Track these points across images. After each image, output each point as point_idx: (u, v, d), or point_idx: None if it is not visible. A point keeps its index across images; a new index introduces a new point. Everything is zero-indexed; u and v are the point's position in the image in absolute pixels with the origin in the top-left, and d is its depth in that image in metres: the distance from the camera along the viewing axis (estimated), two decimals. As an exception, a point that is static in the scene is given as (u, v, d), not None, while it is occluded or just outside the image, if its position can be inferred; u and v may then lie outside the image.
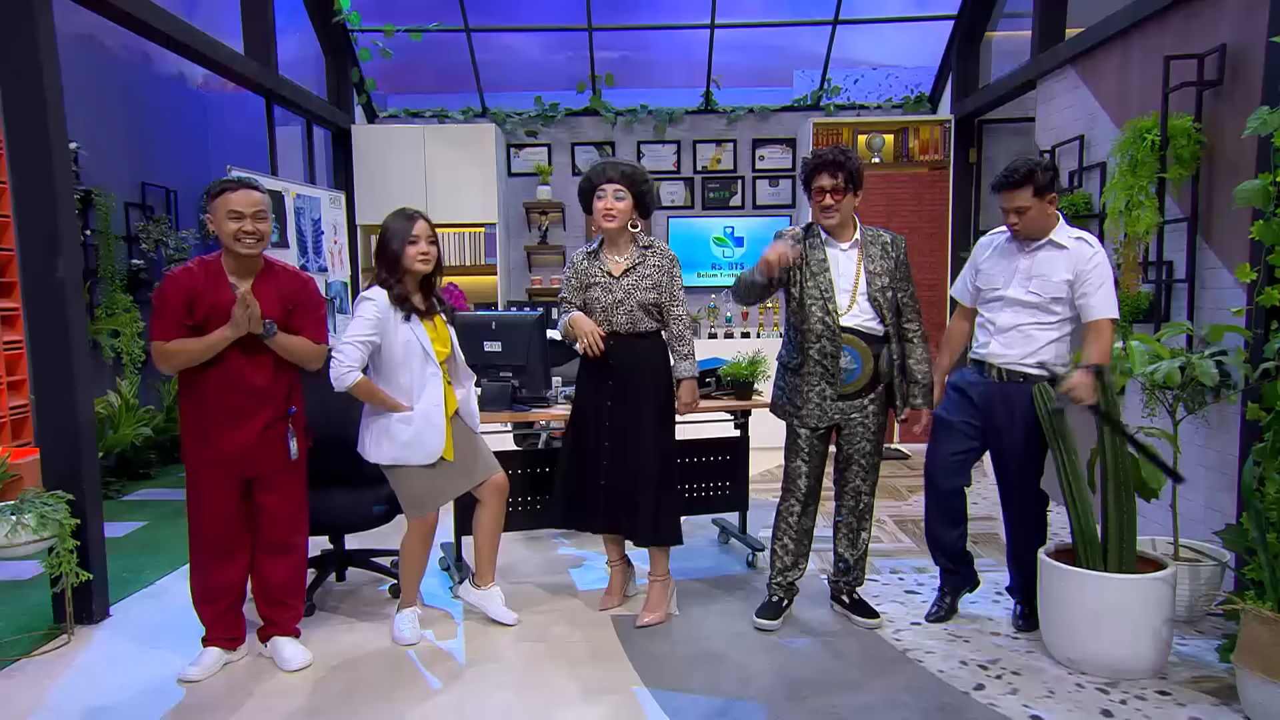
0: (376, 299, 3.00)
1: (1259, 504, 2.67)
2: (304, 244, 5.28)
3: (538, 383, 3.69)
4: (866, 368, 3.12)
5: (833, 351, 3.09)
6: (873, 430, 3.19)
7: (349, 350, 2.94)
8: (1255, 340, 3.03)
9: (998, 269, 3.18)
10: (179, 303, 2.70)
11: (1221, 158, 3.55)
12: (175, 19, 4.25)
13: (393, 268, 3.04)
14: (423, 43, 6.52)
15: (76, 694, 2.82)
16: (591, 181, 3.22)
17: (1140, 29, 4.12)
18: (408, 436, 3.03)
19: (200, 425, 2.79)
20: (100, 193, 5.72)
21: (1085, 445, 3.09)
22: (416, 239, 3.03)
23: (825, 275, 3.11)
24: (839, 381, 3.11)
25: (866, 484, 3.25)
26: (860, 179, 3.10)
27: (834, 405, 3.13)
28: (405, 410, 3.03)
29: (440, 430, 3.06)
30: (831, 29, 6.80)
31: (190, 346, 2.70)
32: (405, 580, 3.22)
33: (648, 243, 3.28)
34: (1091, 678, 2.83)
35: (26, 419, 4.79)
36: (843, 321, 3.09)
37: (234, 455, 2.80)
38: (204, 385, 2.76)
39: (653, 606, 3.31)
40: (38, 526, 3.02)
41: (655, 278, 3.21)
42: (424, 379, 3.05)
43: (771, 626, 3.23)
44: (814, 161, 3.09)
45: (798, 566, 3.30)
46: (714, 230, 7.16)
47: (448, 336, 3.18)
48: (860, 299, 3.10)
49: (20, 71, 3.14)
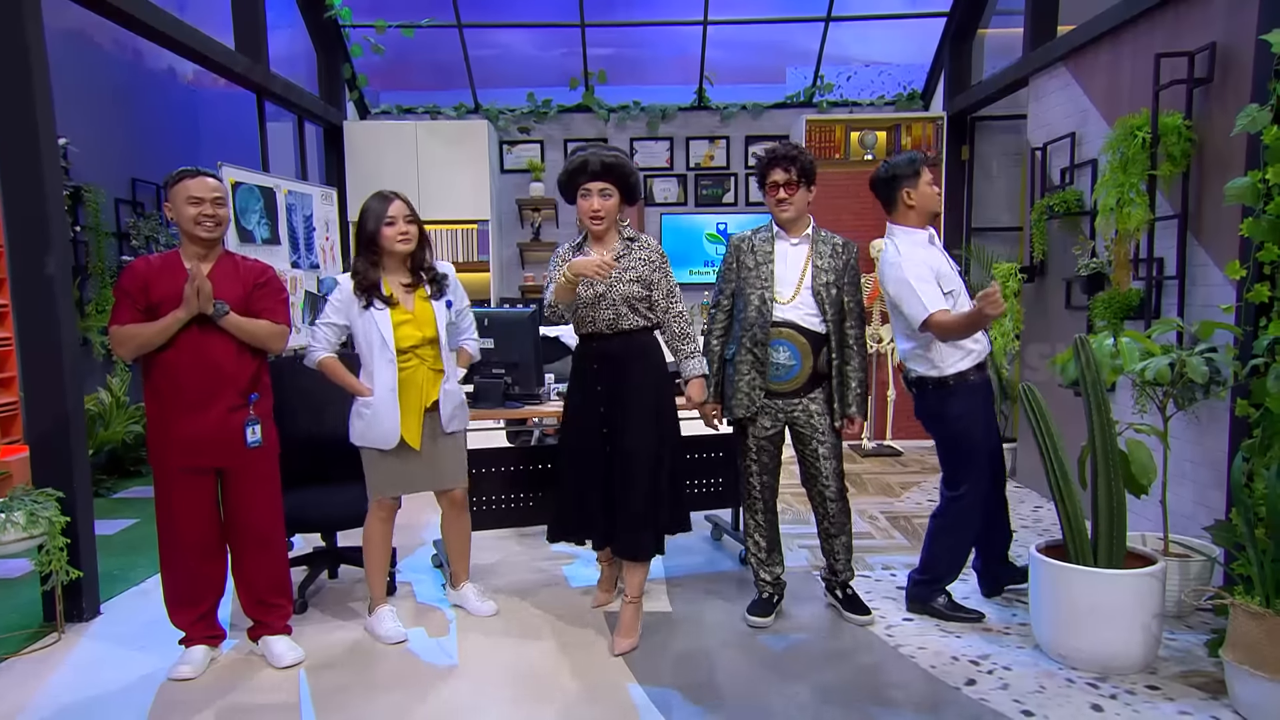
0: (343, 284, 3.08)
1: (1248, 500, 2.69)
2: (296, 240, 5.25)
3: (530, 380, 3.69)
4: (805, 365, 3.11)
5: (762, 339, 3.09)
6: (822, 432, 3.15)
7: (317, 331, 3.09)
8: (1245, 337, 3.04)
9: (944, 265, 3.19)
10: (133, 289, 2.73)
11: (1212, 155, 3.57)
12: (166, 14, 4.22)
13: (370, 248, 3.05)
14: (415, 39, 6.49)
15: (67, 692, 2.81)
16: (573, 179, 3.08)
17: (1131, 27, 4.14)
18: (366, 419, 3.07)
19: (161, 412, 2.79)
20: (90, 189, 5.69)
21: (1075, 443, 3.10)
22: (394, 219, 3.02)
23: (768, 267, 3.15)
24: (768, 373, 3.12)
25: (831, 489, 3.19)
26: (813, 174, 3.16)
27: (761, 396, 3.12)
28: (365, 394, 3.06)
29: (392, 417, 3.05)
30: (824, 26, 6.80)
31: (144, 330, 2.72)
32: (369, 573, 3.23)
33: (632, 235, 3.14)
34: (1082, 673, 2.84)
35: (16, 416, 4.77)
36: (783, 314, 3.10)
37: (194, 442, 2.78)
38: (164, 369, 2.76)
39: (626, 631, 3.07)
40: (27, 524, 3.01)
41: (639, 270, 3.05)
42: (380, 365, 3.05)
43: (763, 623, 3.23)
44: (767, 157, 3.16)
45: (775, 562, 3.32)
46: (706, 227, 7.16)
47: (429, 317, 3.11)
48: (804, 291, 3.12)
49: (8, 67, 3.12)
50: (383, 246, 3.03)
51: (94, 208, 5.70)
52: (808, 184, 3.15)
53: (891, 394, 6.31)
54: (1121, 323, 3.98)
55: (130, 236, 6.17)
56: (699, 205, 7.31)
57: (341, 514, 3.47)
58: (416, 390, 3.09)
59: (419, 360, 3.09)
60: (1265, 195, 2.87)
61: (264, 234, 4.88)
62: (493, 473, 3.85)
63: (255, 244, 4.74)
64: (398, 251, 3.05)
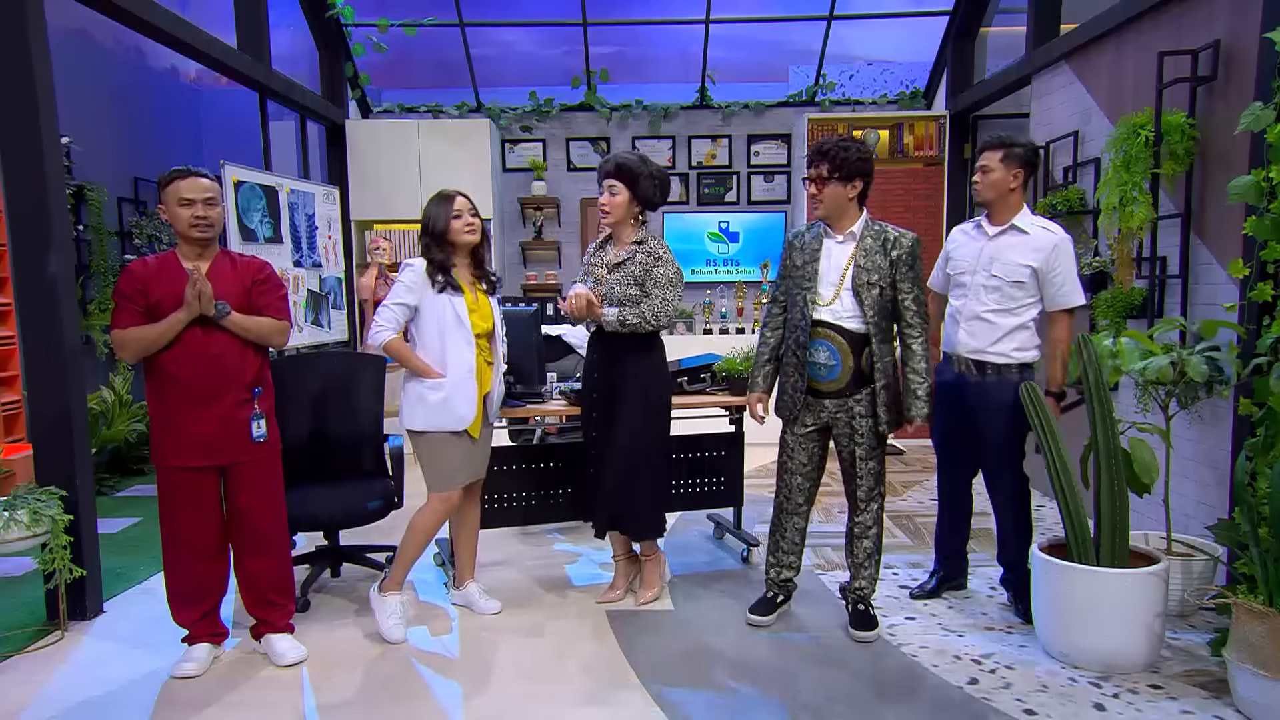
0: (415, 265, 3.11)
1: (1251, 499, 2.69)
2: (298, 239, 5.26)
3: (532, 378, 3.69)
4: (845, 365, 3.01)
5: (803, 342, 3.04)
6: (862, 435, 3.06)
7: (384, 312, 3.07)
8: (1248, 335, 3.04)
9: (965, 254, 3.29)
10: (132, 291, 2.73)
11: (1215, 153, 3.56)
12: (168, 13, 4.22)
13: (441, 243, 3.13)
14: (417, 37, 6.49)
15: (70, 690, 2.81)
16: (598, 180, 3.30)
17: (1134, 25, 4.13)
18: (437, 400, 3.07)
19: (165, 411, 2.78)
20: (93, 188, 5.69)
21: (1077, 441, 3.10)
22: (460, 213, 3.14)
23: (812, 265, 3.06)
24: (807, 374, 3.07)
25: (862, 489, 3.12)
26: (852, 167, 2.98)
27: (802, 398, 3.10)
28: (436, 377, 3.08)
29: (471, 399, 3.11)
30: (826, 24, 6.79)
31: (146, 332, 2.72)
32: (401, 561, 3.21)
33: (640, 238, 3.26)
34: (1084, 672, 2.84)
35: (19, 415, 4.78)
36: (820, 315, 3.02)
37: (200, 440, 2.78)
38: (167, 369, 2.76)
39: (649, 584, 3.45)
40: (31, 522, 3.01)
41: (636, 273, 3.21)
42: (457, 346, 3.09)
43: (762, 622, 3.23)
44: (810, 151, 3.09)
45: (786, 565, 3.28)
46: (709, 226, 7.15)
47: (489, 312, 3.23)
48: (845, 293, 3.01)
49: (11, 65, 3.12)
50: (450, 239, 3.13)
51: (96, 206, 5.71)
52: (843, 178, 2.98)
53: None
54: (1124, 322, 3.97)
55: (133, 235, 6.18)
56: (701, 204, 7.30)
57: (345, 513, 3.47)
58: (478, 378, 3.14)
59: (478, 350, 3.15)
60: (1269, 194, 2.87)
61: (266, 233, 4.89)
62: (495, 471, 3.84)
63: (258, 243, 4.75)
64: (465, 243, 3.15)
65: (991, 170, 3.17)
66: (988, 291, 3.18)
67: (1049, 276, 3.10)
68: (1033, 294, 3.14)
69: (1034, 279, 3.12)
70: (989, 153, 3.20)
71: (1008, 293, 3.14)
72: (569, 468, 3.90)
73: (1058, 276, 3.10)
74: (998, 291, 3.15)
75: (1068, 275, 3.11)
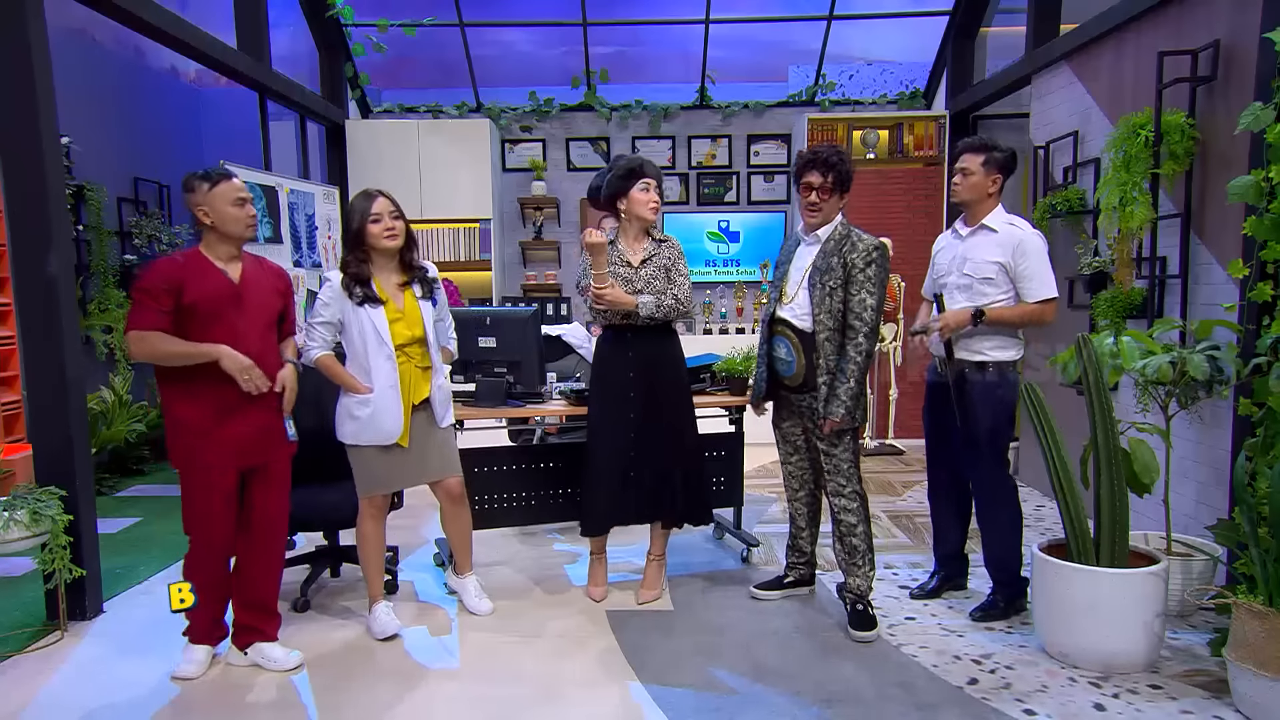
0: (332, 280, 3.08)
1: (1250, 499, 2.69)
2: (298, 239, 5.26)
3: (532, 378, 3.69)
4: (800, 361, 3.12)
5: (766, 335, 3.24)
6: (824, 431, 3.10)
7: (312, 330, 3.08)
8: (1247, 335, 3.04)
9: (945, 258, 3.33)
10: (161, 290, 2.65)
11: (1215, 153, 3.56)
12: (168, 13, 4.22)
13: (357, 246, 3.06)
14: (417, 37, 6.49)
15: (70, 691, 2.81)
16: (634, 173, 3.26)
17: (1134, 25, 4.13)
18: (365, 416, 3.05)
19: (199, 414, 2.72)
20: (92, 187, 5.69)
21: (1077, 441, 3.10)
22: (379, 216, 3.01)
23: (786, 265, 3.24)
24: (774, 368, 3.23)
25: (832, 483, 3.19)
26: (849, 182, 3.11)
27: (764, 388, 3.27)
28: (363, 391, 3.04)
29: (395, 414, 3.06)
30: (826, 24, 6.79)
31: (171, 345, 2.66)
32: (365, 571, 3.23)
33: (663, 236, 3.41)
34: (1084, 671, 2.84)
35: (19, 415, 4.78)
36: (781, 312, 3.17)
37: (243, 441, 2.77)
38: (206, 372, 2.69)
39: (651, 584, 3.50)
40: (30, 522, 3.01)
41: (666, 265, 3.33)
42: (378, 362, 3.04)
43: (764, 596, 3.45)
44: (807, 157, 3.10)
45: (797, 550, 3.49)
46: (708, 226, 7.15)
47: (418, 317, 3.12)
48: (802, 292, 3.12)
49: (11, 65, 3.12)
50: (369, 244, 3.04)
51: (96, 206, 5.70)
52: (841, 192, 3.10)
53: (893, 393, 6.31)
54: (1124, 322, 3.97)
55: (132, 235, 6.17)
56: (701, 204, 7.30)
57: (344, 513, 3.46)
58: (405, 388, 3.09)
59: (406, 358, 3.10)
60: (1268, 194, 2.87)
61: (266, 233, 4.89)
62: (494, 472, 3.85)
63: (258, 243, 4.75)
64: (385, 248, 3.05)
65: (972, 173, 3.19)
66: (960, 290, 3.21)
67: (1018, 271, 3.11)
68: (1005, 290, 3.14)
69: (1003, 274, 3.13)
70: (970, 155, 3.21)
71: (978, 289, 3.16)
72: (569, 468, 3.90)
73: (1026, 271, 3.10)
74: (969, 290, 3.18)
75: (1035, 270, 3.10)
